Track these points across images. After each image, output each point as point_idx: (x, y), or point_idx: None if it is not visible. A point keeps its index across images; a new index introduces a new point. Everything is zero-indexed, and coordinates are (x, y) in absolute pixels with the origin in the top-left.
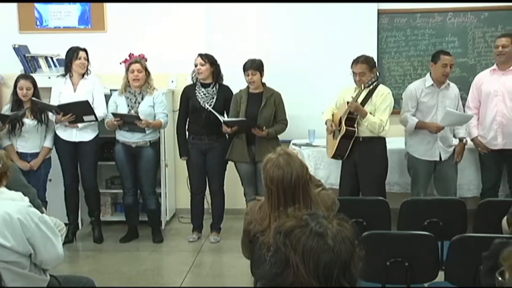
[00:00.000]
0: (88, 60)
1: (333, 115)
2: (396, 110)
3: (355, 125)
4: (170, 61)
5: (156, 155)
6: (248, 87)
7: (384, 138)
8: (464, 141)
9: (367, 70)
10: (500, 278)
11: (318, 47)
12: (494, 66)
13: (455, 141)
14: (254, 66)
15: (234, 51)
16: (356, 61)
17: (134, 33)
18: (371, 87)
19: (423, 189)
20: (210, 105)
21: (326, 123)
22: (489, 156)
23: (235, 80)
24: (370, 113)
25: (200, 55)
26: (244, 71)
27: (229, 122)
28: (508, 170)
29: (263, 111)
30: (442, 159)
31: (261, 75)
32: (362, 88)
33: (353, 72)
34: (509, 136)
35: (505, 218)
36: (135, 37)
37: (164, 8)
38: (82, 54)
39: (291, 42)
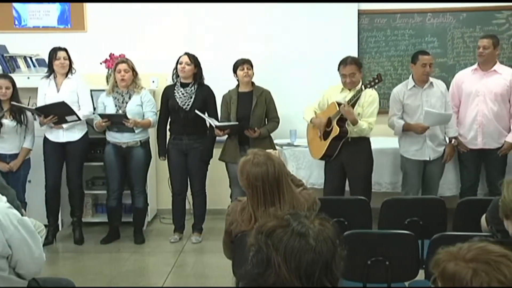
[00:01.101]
0: (69, 59)
1: (315, 114)
2: (381, 110)
3: (346, 126)
4: (151, 61)
5: (147, 155)
6: (237, 86)
7: (368, 138)
8: (453, 142)
9: (356, 70)
10: (433, 286)
11: (299, 47)
12: (476, 66)
13: (447, 139)
14: (248, 61)
15: (215, 51)
16: (344, 63)
17: (114, 33)
18: (372, 85)
19: (413, 189)
20: (188, 105)
21: (311, 122)
22: (468, 155)
23: (216, 81)
24: (359, 114)
25: (188, 54)
26: (236, 67)
27: (221, 127)
28: (487, 169)
29: (255, 110)
30: (431, 159)
31: (253, 73)
32: (363, 88)
33: (342, 75)
34: (488, 136)
35: (483, 216)
36: (116, 37)
37: (144, 7)
38: (61, 54)
39: (272, 43)
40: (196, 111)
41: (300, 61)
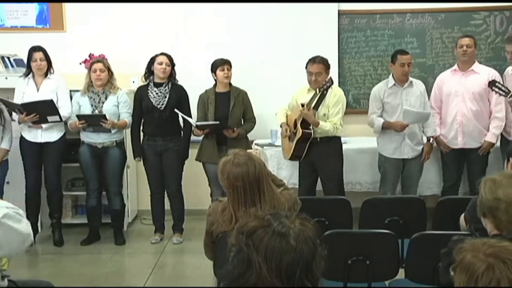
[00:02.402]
0: (47, 59)
1: (287, 116)
2: (357, 110)
3: (311, 127)
4: (131, 61)
5: (123, 155)
6: (214, 86)
7: (339, 137)
8: (431, 141)
9: (324, 70)
10: (453, 273)
11: (279, 47)
12: (455, 67)
13: (425, 139)
14: (227, 62)
15: (194, 51)
16: (312, 61)
17: (94, 33)
18: (324, 89)
19: (391, 188)
20: (162, 105)
21: (281, 126)
22: (450, 155)
23: (192, 81)
24: (324, 115)
25: (165, 54)
26: (216, 68)
27: (201, 126)
28: (468, 168)
29: (233, 111)
30: (409, 157)
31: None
32: (317, 91)
33: (309, 72)
34: (469, 136)
35: (462, 215)
36: (95, 37)
37: (124, 7)
38: (37, 55)
39: (252, 42)
40: (176, 110)
41: (280, 61)
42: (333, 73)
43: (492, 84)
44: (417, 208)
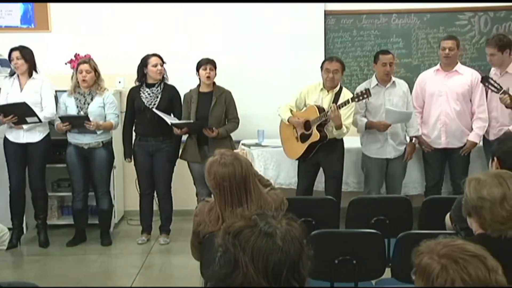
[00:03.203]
0: (24, 58)
1: (291, 113)
2: None
3: (324, 129)
4: (117, 62)
5: (110, 156)
6: (198, 86)
7: (342, 138)
8: (414, 141)
9: (341, 69)
10: (413, 277)
11: (266, 47)
12: (438, 66)
13: (408, 139)
14: (212, 62)
15: (181, 51)
16: (330, 59)
17: (79, 33)
18: (360, 99)
19: (376, 187)
20: (154, 105)
21: (288, 121)
22: (432, 154)
23: (182, 80)
24: None
25: (157, 55)
26: (199, 67)
27: (177, 124)
28: (451, 168)
29: (213, 110)
30: (392, 157)
31: (215, 74)
32: (350, 101)
33: (326, 69)
34: (452, 136)
35: (448, 214)
36: (81, 37)
37: (110, 7)
38: (14, 54)
39: (239, 42)
40: (154, 110)
41: (267, 61)
42: (318, 73)
43: (485, 80)
44: (403, 207)
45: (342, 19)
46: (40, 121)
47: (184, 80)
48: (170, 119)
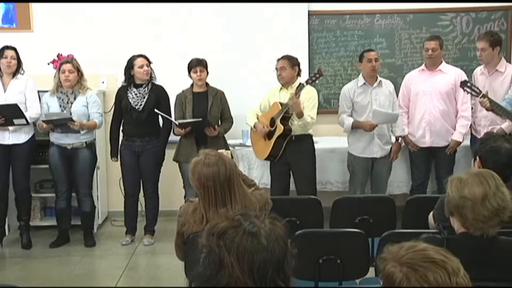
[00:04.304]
0: (18, 59)
1: (257, 118)
2: (328, 110)
3: (290, 123)
4: (101, 62)
5: (93, 156)
6: (191, 86)
7: (311, 136)
8: (399, 140)
9: (288, 66)
10: (381, 282)
11: (250, 48)
12: (423, 66)
13: (394, 138)
14: (202, 63)
15: (166, 52)
16: (279, 58)
17: (62, 33)
18: (296, 86)
19: (361, 187)
20: (140, 106)
21: (254, 127)
22: (418, 153)
23: (168, 81)
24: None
25: (143, 56)
26: (190, 69)
27: (183, 124)
28: (436, 167)
29: (211, 110)
30: (378, 156)
31: (207, 74)
32: (304, 84)
33: (275, 69)
34: (436, 134)
35: (431, 213)
36: (64, 37)
37: (93, 7)
38: (8, 53)
39: (223, 43)
40: (156, 110)
41: (250, 61)
42: (304, 73)
43: (464, 84)
44: (387, 207)
45: (326, 19)
46: (27, 123)
47: (170, 81)
48: (174, 119)
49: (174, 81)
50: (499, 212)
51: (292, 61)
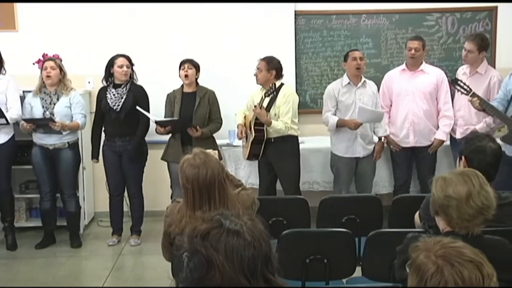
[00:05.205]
0: (2, 59)
1: (245, 117)
2: (314, 109)
3: (264, 129)
4: (87, 62)
5: (76, 157)
6: (182, 86)
7: (295, 136)
8: (383, 140)
9: (264, 67)
10: (408, 270)
11: (237, 48)
12: (403, 66)
13: (376, 138)
14: (191, 61)
15: (152, 52)
16: (260, 58)
17: (47, 33)
18: (273, 92)
19: (345, 186)
20: (118, 106)
21: (238, 127)
22: (400, 153)
23: (155, 81)
24: (275, 114)
25: (125, 56)
26: (179, 67)
27: (161, 122)
28: (418, 167)
29: (197, 110)
30: (361, 156)
31: (196, 73)
32: (263, 96)
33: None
34: (420, 134)
35: (417, 213)
36: (49, 36)
37: (79, 7)
38: None
39: (210, 43)
40: (137, 108)
41: (237, 62)
42: (290, 73)
43: (454, 82)
44: (374, 206)
45: (312, 20)
46: (7, 123)
47: (150, 82)
48: (154, 117)
49: (161, 82)
50: (483, 211)
51: (270, 65)
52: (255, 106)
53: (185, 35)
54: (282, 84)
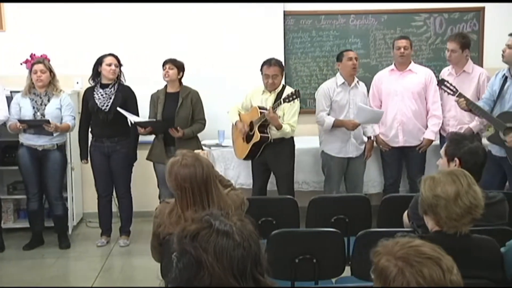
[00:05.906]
0: None
1: (239, 115)
2: (304, 110)
3: (267, 130)
4: (75, 62)
5: (63, 159)
6: (165, 87)
7: (292, 137)
8: (372, 139)
9: (280, 73)
10: (372, 276)
11: (225, 48)
12: (392, 66)
13: (366, 138)
14: (173, 61)
15: (141, 51)
16: (268, 63)
17: (35, 33)
18: (294, 98)
19: (336, 186)
20: (107, 106)
21: (235, 124)
22: (390, 153)
23: (142, 81)
24: (279, 117)
25: (113, 55)
26: (162, 66)
27: (140, 123)
28: (407, 166)
29: (179, 111)
30: (353, 156)
31: (179, 73)
32: (281, 102)
33: (265, 75)
34: (409, 134)
35: (405, 212)
36: (37, 36)
37: (67, 6)
38: None
39: (198, 43)
40: (118, 108)
41: (226, 61)
42: None
43: (441, 83)
44: (363, 206)
45: (301, 20)
46: None
47: (137, 83)
48: (133, 118)
49: (142, 82)
50: (471, 210)
51: (282, 67)
52: (260, 110)
53: (172, 35)
54: (284, 86)
